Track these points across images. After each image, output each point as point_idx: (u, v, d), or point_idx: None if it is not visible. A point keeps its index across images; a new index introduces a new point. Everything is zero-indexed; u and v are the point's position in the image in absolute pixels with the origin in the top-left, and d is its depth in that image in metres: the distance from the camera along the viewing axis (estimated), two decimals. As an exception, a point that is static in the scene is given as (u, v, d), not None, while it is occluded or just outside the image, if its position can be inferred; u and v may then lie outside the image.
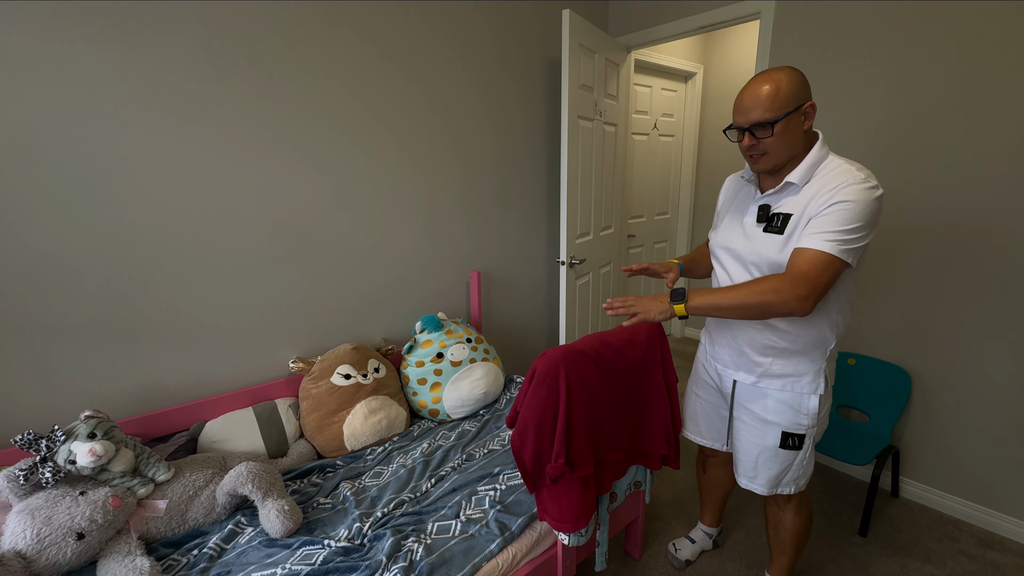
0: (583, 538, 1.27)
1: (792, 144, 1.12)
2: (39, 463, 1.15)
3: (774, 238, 1.16)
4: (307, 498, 1.43)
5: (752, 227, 1.22)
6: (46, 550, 1.08)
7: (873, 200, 1.05)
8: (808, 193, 1.11)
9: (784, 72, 1.10)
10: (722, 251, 1.30)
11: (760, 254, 1.18)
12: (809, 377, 1.22)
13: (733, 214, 1.30)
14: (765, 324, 1.22)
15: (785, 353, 1.22)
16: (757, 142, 1.12)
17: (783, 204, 1.16)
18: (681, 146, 3.58)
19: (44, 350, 1.34)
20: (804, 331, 1.20)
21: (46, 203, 1.30)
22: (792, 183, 1.14)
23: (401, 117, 1.93)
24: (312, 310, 1.82)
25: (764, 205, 1.19)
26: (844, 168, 1.10)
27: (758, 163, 1.17)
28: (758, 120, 1.09)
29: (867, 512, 1.79)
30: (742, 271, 1.23)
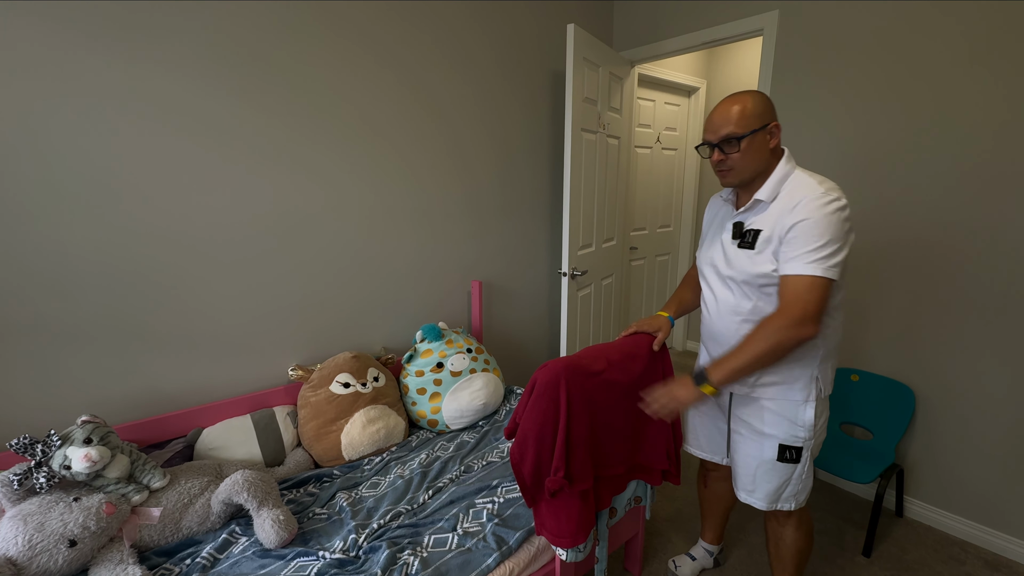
0: (581, 554, 1.25)
1: (758, 161, 1.17)
2: (34, 468, 1.14)
3: (746, 252, 1.21)
4: (303, 508, 1.42)
5: (729, 243, 1.26)
6: (37, 557, 1.06)
7: (832, 213, 1.08)
8: (775, 210, 1.16)
9: (751, 94, 1.17)
10: (707, 268, 1.34)
11: (735, 268, 1.23)
12: (801, 383, 1.23)
13: (715, 232, 1.35)
14: None
15: (778, 362, 1.21)
16: (725, 157, 1.18)
17: (754, 221, 1.21)
18: (684, 160, 3.60)
19: (42, 354, 1.34)
20: None
21: (48, 207, 1.30)
22: (761, 200, 1.19)
23: (403, 128, 1.94)
24: (312, 318, 1.81)
25: (738, 222, 1.25)
26: (806, 183, 1.14)
27: (726, 177, 1.22)
28: (727, 135, 1.15)
29: (871, 532, 1.76)
30: (721, 286, 1.28)
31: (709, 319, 1.35)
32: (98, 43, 1.31)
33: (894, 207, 1.86)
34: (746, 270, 1.20)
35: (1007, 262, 1.67)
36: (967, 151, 1.71)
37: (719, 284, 1.30)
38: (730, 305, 1.27)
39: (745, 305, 1.24)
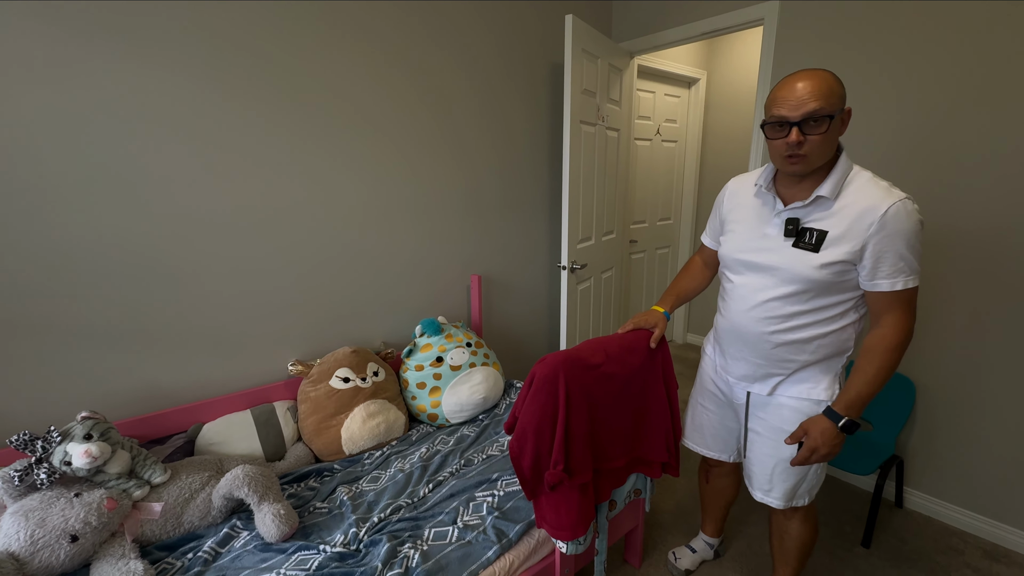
0: (581, 546, 1.25)
1: (831, 148, 1.08)
2: (34, 464, 1.14)
3: (806, 255, 1.12)
4: (304, 502, 1.42)
5: (777, 240, 1.17)
6: (39, 552, 1.07)
7: (919, 221, 1.06)
8: (845, 212, 1.08)
9: (830, 72, 1.06)
10: (741, 265, 1.25)
11: (793, 271, 1.14)
12: (826, 383, 1.21)
13: (751, 224, 1.24)
14: (787, 341, 1.19)
15: (806, 364, 1.21)
16: (804, 138, 1.04)
17: (815, 219, 1.12)
18: (684, 152, 3.58)
19: (41, 350, 1.34)
20: (829, 341, 1.18)
21: (43, 207, 1.30)
22: (823, 197, 1.10)
23: (400, 122, 1.93)
24: (311, 313, 1.81)
25: (793, 218, 1.15)
26: (875, 184, 1.08)
27: (796, 164, 1.08)
28: (814, 111, 1.02)
29: (870, 523, 1.76)
30: (774, 287, 1.18)
31: (733, 317, 1.27)
32: (93, 44, 1.30)
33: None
34: (804, 274, 1.12)
35: (1013, 253, 1.66)
36: (974, 141, 1.70)
37: (757, 283, 1.21)
38: (769, 308, 1.19)
39: (787, 309, 1.17)
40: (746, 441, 1.37)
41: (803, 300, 1.15)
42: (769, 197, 1.21)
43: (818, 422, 1.15)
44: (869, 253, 1.07)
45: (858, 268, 1.10)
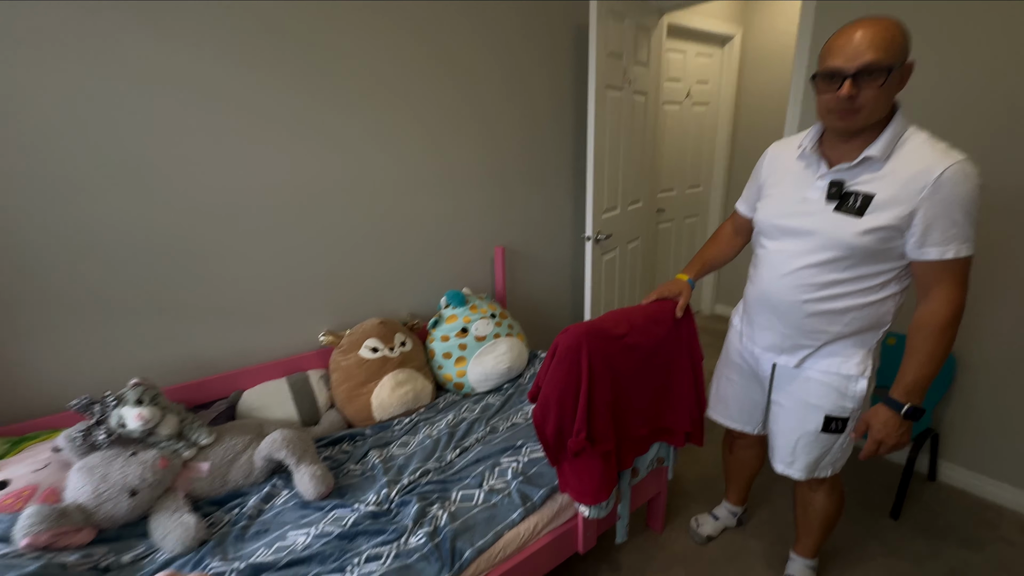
0: (604, 511, 1.29)
1: (886, 104, 1.00)
2: (94, 426, 1.24)
3: (849, 220, 1.06)
4: (338, 464, 1.50)
5: (818, 204, 1.11)
6: (103, 504, 1.17)
7: (976, 185, 0.98)
8: (895, 175, 1.01)
9: (895, 20, 0.97)
10: (777, 231, 1.19)
11: (832, 237, 1.08)
12: (858, 359, 1.17)
13: (790, 188, 1.17)
14: (821, 311, 1.15)
15: (837, 336, 1.17)
16: (858, 92, 0.98)
17: (861, 182, 1.05)
18: (716, 115, 3.42)
19: (95, 323, 1.43)
20: (865, 313, 1.13)
21: (89, 185, 1.36)
22: (872, 157, 1.03)
23: (422, 96, 1.91)
24: (341, 285, 1.86)
25: (837, 181, 1.08)
26: (931, 145, 1.01)
27: (849, 119, 1.02)
28: (871, 62, 0.95)
29: (900, 494, 1.74)
30: (811, 254, 1.13)
31: (765, 285, 1.23)
32: (129, 23, 1.32)
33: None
34: (846, 241, 1.06)
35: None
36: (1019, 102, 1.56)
37: (792, 249, 1.15)
38: (804, 276, 1.14)
39: (823, 277, 1.12)
40: (770, 413, 1.35)
41: (841, 268, 1.10)
42: (813, 159, 1.14)
43: (879, 413, 1.12)
44: (920, 218, 1.00)
45: (906, 235, 1.04)
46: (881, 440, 1.11)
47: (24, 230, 1.30)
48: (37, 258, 1.33)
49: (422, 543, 1.18)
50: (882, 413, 1.11)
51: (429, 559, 1.15)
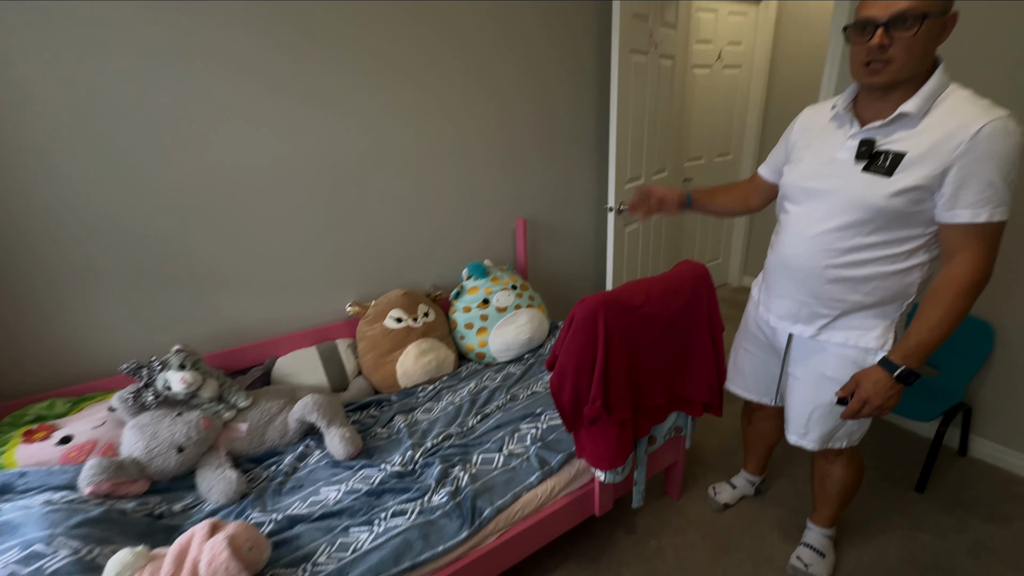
0: (619, 476, 1.32)
1: (923, 57, 0.95)
2: (143, 388, 1.34)
3: (877, 180, 1.00)
4: (365, 428, 1.58)
5: (847, 165, 1.06)
6: (154, 459, 1.28)
7: (1019, 144, 0.91)
8: (930, 132, 0.96)
9: None
10: (801, 193, 1.15)
11: (858, 198, 1.03)
12: (878, 332, 1.13)
13: (819, 149, 1.13)
14: (841, 277, 1.11)
15: (857, 306, 1.13)
16: (891, 42, 0.94)
17: (894, 140, 1.00)
18: (749, 79, 3.27)
19: (143, 294, 1.52)
20: (889, 283, 1.09)
21: (138, 164, 1.43)
22: (907, 114, 0.98)
23: (438, 70, 1.88)
24: (367, 258, 1.91)
25: (868, 139, 1.03)
26: (972, 102, 0.95)
27: (879, 74, 0.97)
28: (904, 10, 0.90)
29: (927, 468, 1.72)
30: (835, 216, 1.08)
31: (785, 250, 1.20)
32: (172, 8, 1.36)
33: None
34: (872, 202, 1.01)
35: None
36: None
37: (816, 212, 1.11)
38: (827, 240, 1.10)
39: (847, 242, 1.07)
40: (784, 384, 1.34)
41: (865, 232, 1.06)
42: (846, 119, 1.09)
43: (871, 373, 1.09)
44: (952, 177, 0.94)
45: (936, 196, 0.98)
46: (867, 399, 1.07)
47: (76, 207, 1.38)
48: (89, 233, 1.41)
49: (444, 501, 1.25)
50: (874, 373, 1.08)
51: (451, 516, 1.22)
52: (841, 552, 1.52)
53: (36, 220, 1.35)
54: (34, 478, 1.17)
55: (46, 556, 0.94)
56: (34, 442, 1.25)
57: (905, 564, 1.48)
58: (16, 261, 1.35)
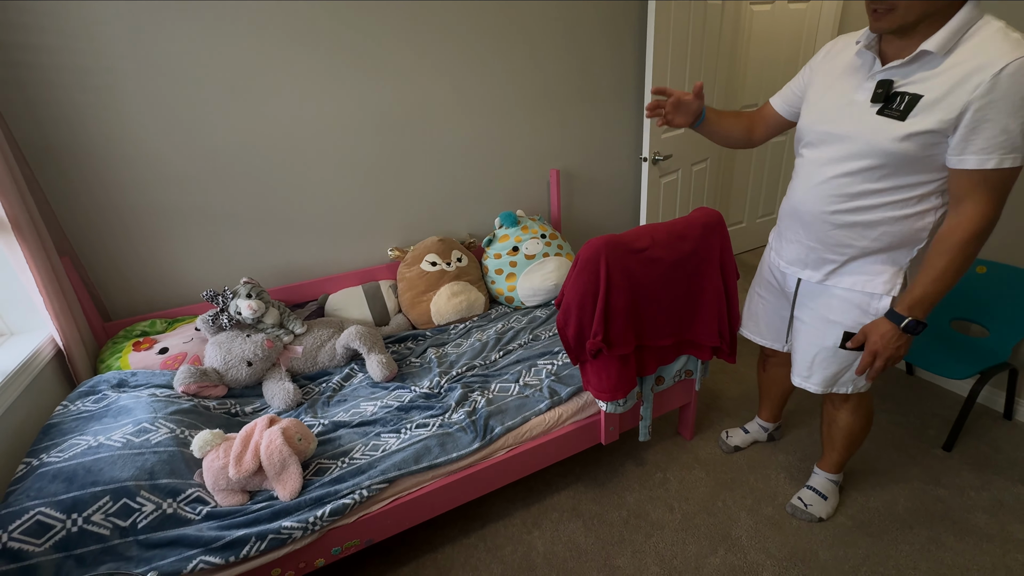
0: (620, 407, 1.43)
1: (925, 3, 0.90)
2: (219, 313, 1.61)
3: (890, 124, 0.97)
4: (402, 357, 1.79)
5: (863, 108, 1.02)
6: (230, 370, 1.55)
7: None
8: (952, 72, 0.90)
9: None
10: (816, 136, 1.12)
11: (868, 143, 1.00)
12: (886, 277, 1.13)
13: (838, 89, 1.08)
14: (848, 222, 1.10)
15: (865, 252, 1.13)
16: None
17: (913, 81, 0.95)
18: (819, 16, 2.98)
19: (216, 233, 1.79)
20: (898, 229, 1.07)
21: (208, 120, 1.65)
22: (928, 52, 0.92)
23: (479, 21, 1.92)
24: (408, 207, 2.08)
25: (885, 80, 0.99)
26: (1002, 36, 0.88)
27: (882, 19, 0.94)
28: None
29: (957, 426, 1.67)
30: (845, 161, 1.06)
31: (796, 195, 1.19)
32: None
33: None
34: (879, 145, 0.99)
35: None
36: None
37: (827, 156, 1.09)
38: (835, 186, 1.08)
39: (855, 187, 1.06)
40: (791, 328, 1.36)
41: (875, 178, 1.04)
42: (868, 57, 1.04)
43: (878, 325, 1.10)
44: (967, 120, 0.90)
45: (949, 140, 0.94)
46: (876, 352, 1.10)
47: (167, 156, 1.64)
48: (178, 179, 1.67)
49: (461, 418, 1.43)
50: (882, 325, 1.09)
51: (466, 430, 1.40)
52: (846, 496, 1.56)
53: (140, 170, 1.62)
54: (142, 377, 1.48)
55: (151, 431, 1.22)
56: (141, 351, 1.56)
57: (913, 513, 1.49)
58: (129, 206, 1.64)
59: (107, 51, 1.47)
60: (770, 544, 1.43)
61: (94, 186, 1.58)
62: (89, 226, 1.61)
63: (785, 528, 1.48)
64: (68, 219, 1.58)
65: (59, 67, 1.44)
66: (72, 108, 1.49)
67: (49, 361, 1.45)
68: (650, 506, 1.58)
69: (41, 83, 1.43)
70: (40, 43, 1.40)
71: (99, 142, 1.54)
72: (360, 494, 1.21)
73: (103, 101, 1.51)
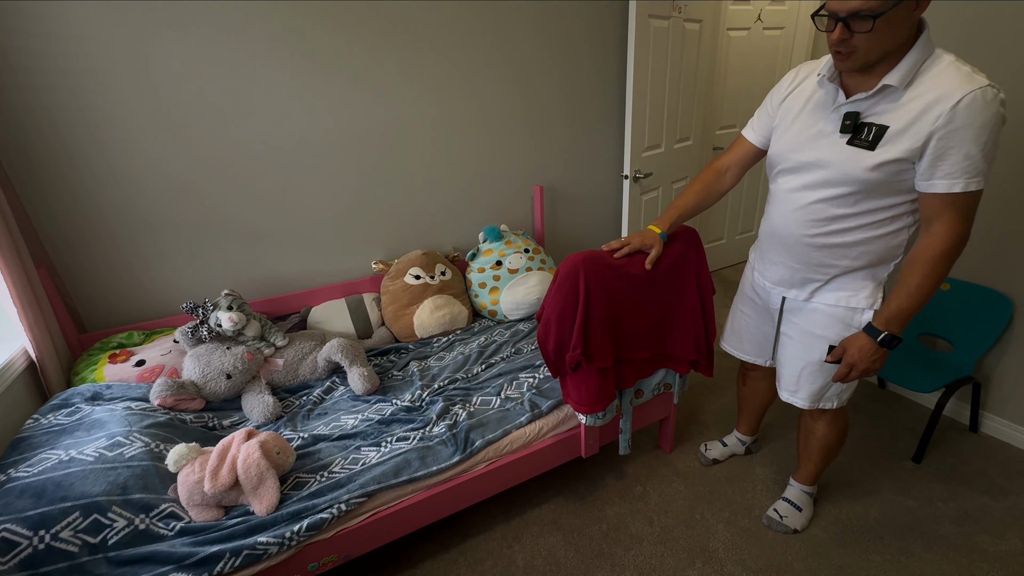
0: (600, 420, 1.45)
1: (892, 40, 0.96)
2: (199, 325, 1.60)
3: (860, 154, 1.03)
4: (384, 370, 1.78)
5: (832, 138, 1.08)
6: (208, 383, 1.54)
7: (997, 113, 0.93)
8: (913, 104, 0.97)
9: None
10: (789, 163, 1.17)
11: (842, 171, 1.06)
12: (867, 292, 1.18)
13: (807, 121, 1.15)
14: (828, 244, 1.16)
15: (847, 270, 1.18)
16: (850, 36, 0.95)
17: (877, 112, 1.02)
18: (792, 41, 3.11)
19: (199, 245, 1.78)
20: (876, 247, 1.13)
21: (194, 134, 1.65)
22: (891, 86, 0.99)
23: (459, 41, 1.97)
24: (391, 220, 2.09)
25: (852, 112, 1.05)
26: (955, 69, 0.95)
27: (844, 61, 1.01)
28: (858, 8, 0.92)
29: (925, 439, 1.72)
30: (821, 188, 1.11)
31: (775, 220, 1.25)
32: None
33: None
34: (851, 174, 1.05)
35: None
36: None
37: (803, 184, 1.15)
38: (813, 211, 1.14)
39: (832, 212, 1.11)
40: (778, 344, 1.40)
41: (850, 203, 1.10)
42: (832, 89, 1.10)
43: (856, 339, 1.15)
44: (931, 148, 0.97)
45: (916, 166, 1.01)
46: (853, 364, 1.15)
47: (147, 170, 1.63)
48: (158, 192, 1.67)
49: (442, 432, 1.43)
50: (859, 339, 1.14)
51: (446, 443, 1.40)
52: (821, 508, 1.59)
53: (118, 180, 1.61)
54: (117, 390, 1.45)
55: (125, 445, 1.20)
56: (117, 363, 1.54)
57: (884, 524, 1.53)
58: (107, 217, 1.63)
59: (90, 55, 1.47)
60: (746, 556, 1.45)
61: (73, 195, 1.57)
62: (67, 236, 1.60)
63: (761, 540, 1.50)
64: (46, 228, 1.57)
65: (38, 70, 1.43)
66: (51, 113, 1.48)
67: (21, 373, 1.42)
68: (630, 519, 1.59)
69: (19, 87, 1.43)
70: (18, 45, 1.40)
71: (79, 150, 1.54)
72: (338, 508, 1.20)
73: (84, 106, 1.51)
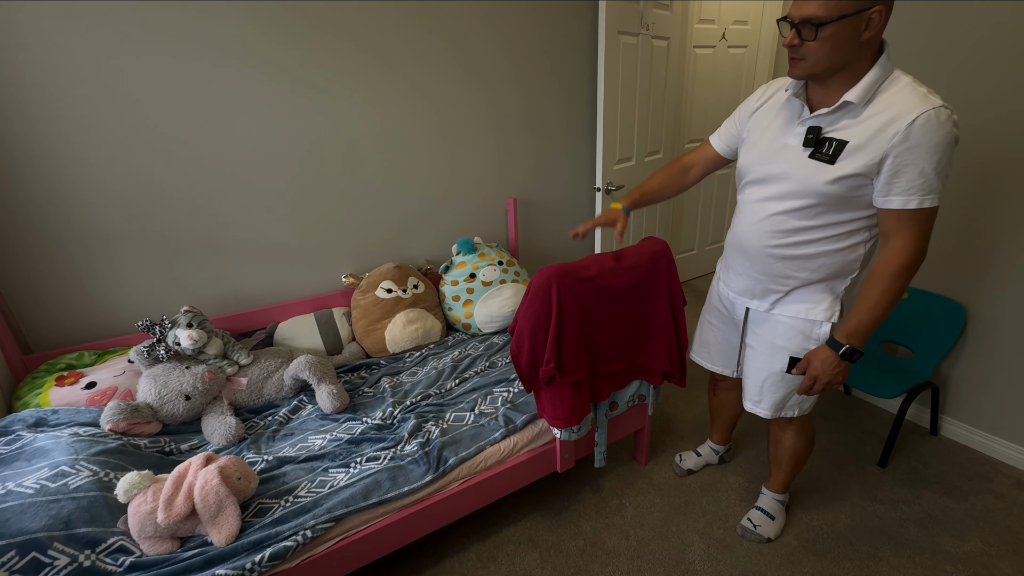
0: (575, 434, 1.44)
1: (838, 56, 0.99)
2: (156, 343, 1.52)
3: (821, 167, 1.06)
4: (354, 387, 1.73)
5: (796, 151, 1.11)
6: (165, 405, 1.46)
7: (950, 133, 0.97)
8: (872, 121, 1.01)
9: None
10: (755, 176, 1.21)
11: (799, 181, 1.10)
12: (825, 304, 1.21)
13: (773, 135, 1.19)
14: (789, 255, 1.19)
15: (806, 282, 1.21)
16: (800, 43, 1.00)
17: (838, 128, 1.05)
18: (756, 58, 3.22)
19: (157, 261, 1.70)
20: (834, 260, 1.17)
21: (154, 144, 1.59)
22: (850, 103, 1.03)
23: (432, 52, 1.97)
24: (362, 233, 2.05)
25: (814, 127, 1.08)
26: (912, 91, 0.99)
27: (795, 67, 1.05)
28: (808, 17, 0.97)
29: (889, 443, 1.77)
30: (783, 200, 1.15)
31: (739, 230, 1.28)
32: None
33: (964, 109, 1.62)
34: (816, 188, 1.08)
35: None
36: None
37: (766, 196, 1.18)
38: (775, 223, 1.17)
39: (793, 223, 1.14)
40: (742, 355, 1.42)
41: (811, 215, 1.13)
42: (797, 104, 1.14)
43: (819, 352, 1.18)
44: (888, 166, 1.01)
45: (874, 182, 1.05)
46: (816, 376, 1.17)
47: (105, 182, 1.56)
48: (114, 205, 1.59)
49: (414, 450, 1.39)
50: (822, 352, 1.17)
51: (419, 463, 1.36)
52: (792, 516, 1.61)
53: (68, 191, 1.53)
54: (64, 415, 1.36)
55: (70, 475, 1.12)
56: (65, 386, 1.45)
57: (853, 529, 1.56)
58: (54, 229, 1.54)
59: (35, 64, 1.40)
60: (722, 568, 1.45)
61: (15, 206, 1.48)
62: (11, 248, 1.50)
63: (736, 551, 1.50)
64: (-13, 244, 1.47)
65: (-16, 84, 1.36)
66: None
67: (-45, 399, 1.32)
68: (606, 534, 1.57)
69: (-38, 100, 1.35)
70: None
71: (20, 159, 1.45)
72: (304, 535, 1.15)
73: (26, 115, 1.43)
